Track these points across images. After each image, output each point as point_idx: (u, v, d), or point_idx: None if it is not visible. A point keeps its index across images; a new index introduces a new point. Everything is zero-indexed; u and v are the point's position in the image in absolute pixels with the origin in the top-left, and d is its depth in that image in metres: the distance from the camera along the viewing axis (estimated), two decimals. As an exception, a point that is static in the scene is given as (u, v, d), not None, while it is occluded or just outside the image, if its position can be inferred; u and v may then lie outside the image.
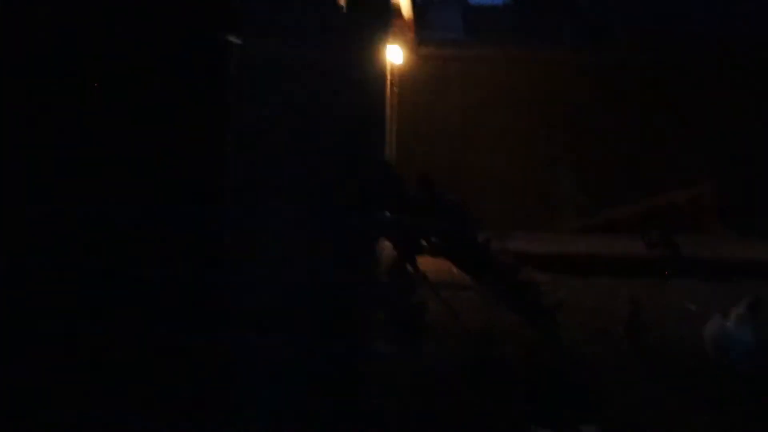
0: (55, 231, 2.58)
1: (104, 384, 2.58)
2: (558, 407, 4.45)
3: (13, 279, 2.59)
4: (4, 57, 2.61)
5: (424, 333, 5.74)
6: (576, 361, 5.72)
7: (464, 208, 6.68)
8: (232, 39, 2.56)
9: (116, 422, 2.53)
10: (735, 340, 5.34)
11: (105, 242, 2.57)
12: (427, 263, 6.79)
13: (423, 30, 13.84)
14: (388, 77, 10.68)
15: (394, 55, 10.54)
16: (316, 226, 4.20)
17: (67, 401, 2.57)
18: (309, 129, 4.11)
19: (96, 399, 2.57)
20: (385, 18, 9.00)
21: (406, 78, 12.29)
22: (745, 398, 4.91)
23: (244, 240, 2.78)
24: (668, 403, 4.86)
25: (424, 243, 6.63)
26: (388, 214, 6.72)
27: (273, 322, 3.26)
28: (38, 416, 2.58)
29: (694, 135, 12.23)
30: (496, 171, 12.45)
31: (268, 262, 3.21)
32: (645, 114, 12.41)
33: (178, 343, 2.52)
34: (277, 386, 3.41)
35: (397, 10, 10.02)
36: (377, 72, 8.30)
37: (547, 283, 8.84)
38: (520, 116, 12.58)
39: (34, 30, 2.61)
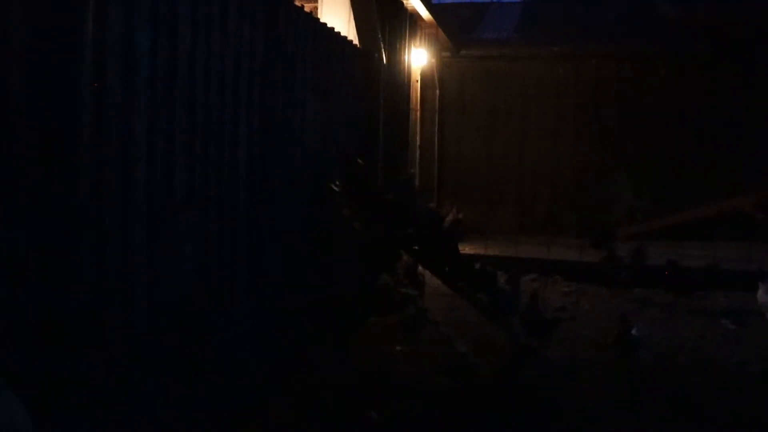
0: None
1: None
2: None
3: None
4: None
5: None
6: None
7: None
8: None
9: None
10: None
11: None
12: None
13: (477, 29, 13.61)
14: (415, 80, 10.48)
15: (421, 58, 10.31)
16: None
17: None
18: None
19: None
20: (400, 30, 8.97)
21: (444, 78, 12.04)
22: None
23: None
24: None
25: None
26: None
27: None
28: None
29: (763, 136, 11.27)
30: (543, 173, 11.99)
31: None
32: (706, 113, 11.55)
33: None
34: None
35: (415, 17, 9.86)
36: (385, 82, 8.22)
37: (570, 294, 8.45)
38: (570, 116, 12.05)
39: None
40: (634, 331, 5.78)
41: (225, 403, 3.99)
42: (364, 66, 7.71)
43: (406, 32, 9.43)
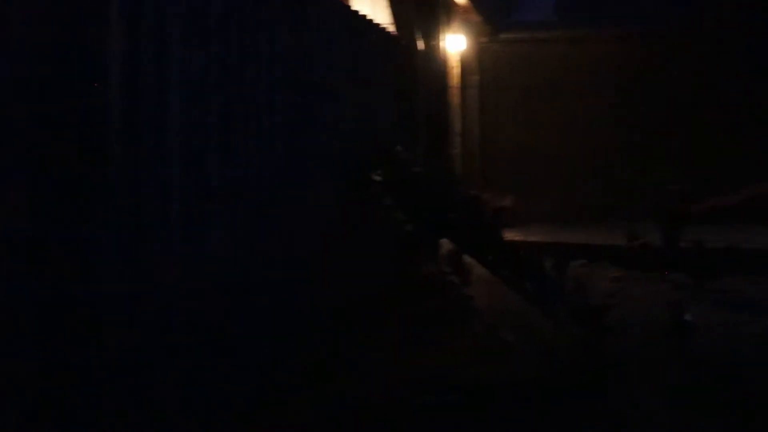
0: None
1: None
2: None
3: None
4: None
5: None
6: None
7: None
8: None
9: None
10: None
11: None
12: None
13: (515, 12, 13.36)
14: (452, 67, 10.32)
15: (458, 44, 10.14)
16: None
17: None
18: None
19: None
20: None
21: (482, 63, 11.85)
22: None
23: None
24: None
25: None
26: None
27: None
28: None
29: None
30: (587, 157, 11.73)
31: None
32: (747, 97, 11.15)
33: None
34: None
35: (450, 2, 9.70)
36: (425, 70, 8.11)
37: (619, 279, 8.23)
38: (614, 98, 11.76)
39: None
40: (687, 317, 5.57)
41: (261, 393, 3.93)
42: (401, 54, 7.59)
43: (442, 18, 9.26)
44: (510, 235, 9.27)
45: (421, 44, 8.03)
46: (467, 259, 6.89)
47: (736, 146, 11.19)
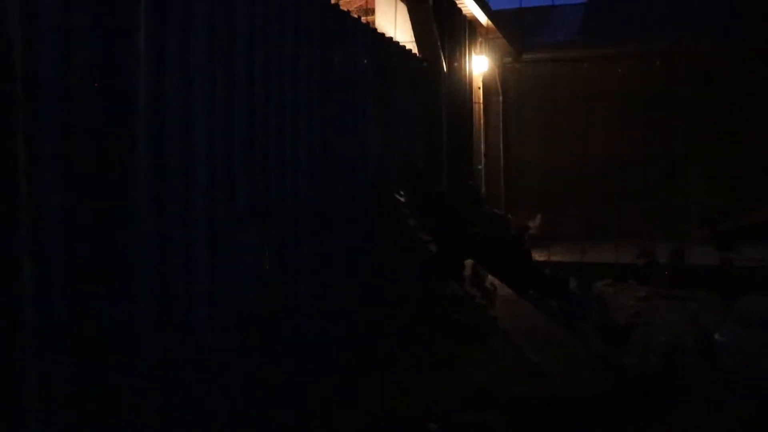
0: None
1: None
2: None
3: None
4: None
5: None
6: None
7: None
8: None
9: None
10: None
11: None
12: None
13: (539, 33, 13.41)
14: (477, 87, 10.36)
15: (482, 64, 10.20)
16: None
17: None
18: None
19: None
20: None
21: (506, 83, 11.89)
22: None
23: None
24: None
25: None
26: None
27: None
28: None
29: None
30: (610, 176, 11.68)
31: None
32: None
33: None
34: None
35: (474, 24, 9.77)
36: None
37: (645, 298, 8.16)
38: (636, 116, 11.73)
39: None
40: (717, 336, 5.52)
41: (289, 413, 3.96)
42: (425, 75, 7.65)
43: (465, 39, 9.34)
44: (534, 255, 9.26)
45: (445, 65, 8.09)
46: (492, 278, 6.88)
47: (761, 161, 11.11)
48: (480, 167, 10.87)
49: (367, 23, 6.58)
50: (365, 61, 5.67)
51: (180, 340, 2.96)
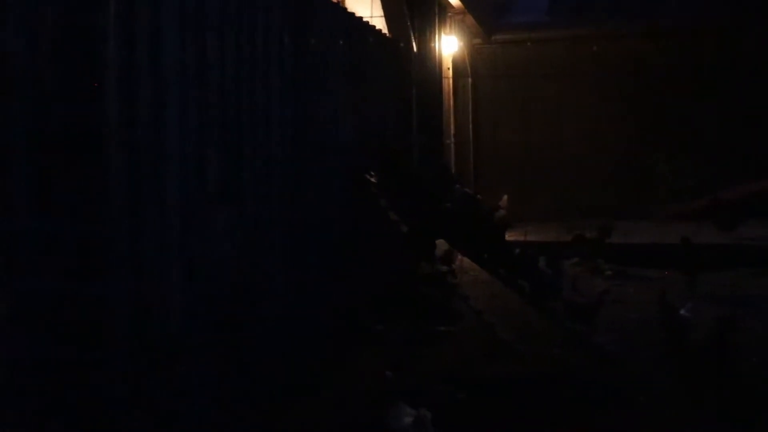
0: None
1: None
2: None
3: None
4: None
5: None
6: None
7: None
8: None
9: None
10: None
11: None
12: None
13: (508, 14, 13.42)
14: (447, 68, 10.37)
15: (452, 45, 10.19)
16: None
17: None
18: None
19: None
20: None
21: (476, 65, 11.92)
22: None
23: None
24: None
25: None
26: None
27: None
28: None
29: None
30: (581, 157, 11.79)
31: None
32: (754, 90, 11.23)
33: None
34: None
35: (444, 4, 9.75)
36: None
37: (614, 276, 8.29)
38: (606, 98, 11.83)
39: None
40: (683, 312, 5.61)
41: (263, 396, 3.97)
42: (395, 55, 7.64)
43: (435, 20, 9.33)
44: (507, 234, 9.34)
45: (415, 46, 8.08)
46: (463, 258, 6.93)
47: (728, 144, 11.29)
48: (450, 142, 10.88)
49: (338, 2, 6.55)
50: (339, 42, 5.64)
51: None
